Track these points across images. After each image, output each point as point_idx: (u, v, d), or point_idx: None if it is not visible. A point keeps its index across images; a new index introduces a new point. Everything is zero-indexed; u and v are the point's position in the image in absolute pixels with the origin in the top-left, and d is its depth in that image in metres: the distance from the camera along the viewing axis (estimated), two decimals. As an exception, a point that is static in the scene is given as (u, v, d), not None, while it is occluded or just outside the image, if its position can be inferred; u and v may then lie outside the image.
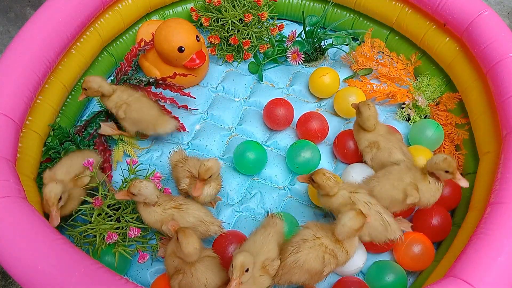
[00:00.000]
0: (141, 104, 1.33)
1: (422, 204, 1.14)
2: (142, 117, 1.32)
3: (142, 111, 1.32)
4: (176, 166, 1.24)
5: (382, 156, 1.24)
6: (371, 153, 1.26)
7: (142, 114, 1.32)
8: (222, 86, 1.59)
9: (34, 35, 1.21)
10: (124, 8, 1.51)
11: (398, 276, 1.11)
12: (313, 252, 1.00)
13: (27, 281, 0.88)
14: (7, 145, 1.07)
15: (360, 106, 1.24)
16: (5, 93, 1.11)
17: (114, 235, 1.09)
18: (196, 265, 1.00)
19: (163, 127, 1.34)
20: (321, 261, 1.00)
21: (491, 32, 1.24)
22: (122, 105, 1.31)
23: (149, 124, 1.34)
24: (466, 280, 0.88)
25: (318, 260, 1.00)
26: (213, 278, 1.01)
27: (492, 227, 0.96)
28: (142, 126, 1.35)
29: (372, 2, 1.57)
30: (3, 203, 0.94)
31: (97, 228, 1.11)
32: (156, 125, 1.34)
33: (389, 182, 1.14)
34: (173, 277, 1.02)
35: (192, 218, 1.11)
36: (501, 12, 2.10)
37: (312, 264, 1.00)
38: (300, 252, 1.00)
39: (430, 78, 1.51)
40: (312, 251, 1.00)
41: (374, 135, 1.26)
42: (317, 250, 1.00)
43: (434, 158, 1.07)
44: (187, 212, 1.11)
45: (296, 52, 1.54)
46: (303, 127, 1.40)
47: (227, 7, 1.57)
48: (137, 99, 1.33)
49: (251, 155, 1.31)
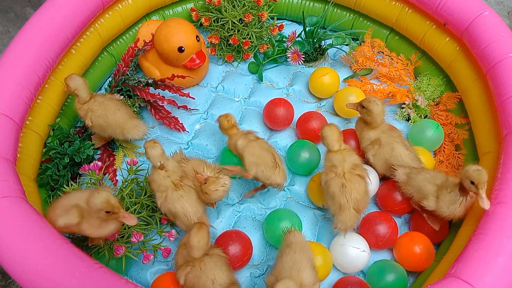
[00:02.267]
0: (105, 109, 1.28)
1: (438, 213, 1.13)
2: (107, 122, 1.29)
3: (106, 117, 1.28)
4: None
5: (385, 152, 1.24)
6: (373, 150, 1.26)
7: (106, 119, 1.28)
8: (222, 86, 1.59)
9: (34, 35, 1.21)
10: (124, 8, 1.51)
11: (398, 275, 1.11)
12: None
13: (27, 281, 0.88)
14: (7, 145, 1.07)
15: (368, 104, 1.22)
16: (5, 93, 1.11)
17: (122, 248, 1.08)
18: (206, 260, 1.00)
19: (131, 132, 1.32)
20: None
21: (491, 32, 1.24)
22: (88, 112, 1.28)
23: (116, 129, 1.31)
24: (466, 280, 0.88)
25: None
26: (221, 276, 1.01)
27: (492, 227, 0.96)
28: (110, 132, 1.31)
29: (372, 2, 1.57)
30: (3, 203, 0.94)
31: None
32: (124, 129, 1.31)
33: (424, 176, 1.15)
34: (181, 267, 1.02)
35: (179, 208, 1.11)
36: (501, 12, 2.10)
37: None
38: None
39: (430, 78, 1.51)
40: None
41: (377, 132, 1.26)
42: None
43: (468, 166, 1.03)
44: (178, 199, 1.11)
45: (296, 52, 1.54)
46: (303, 127, 1.40)
47: (227, 7, 1.57)
48: (100, 103, 1.28)
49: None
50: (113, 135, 1.33)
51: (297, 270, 1.00)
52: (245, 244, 1.17)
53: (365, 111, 1.24)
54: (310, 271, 1.01)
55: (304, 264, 1.01)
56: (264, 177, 1.19)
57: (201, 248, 0.98)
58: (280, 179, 1.20)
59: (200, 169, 1.17)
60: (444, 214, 1.11)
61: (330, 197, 1.14)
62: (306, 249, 1.06)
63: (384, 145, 1.24)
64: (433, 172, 1.17)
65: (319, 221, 1.29)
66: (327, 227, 1.27)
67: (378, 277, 1.12)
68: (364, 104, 1.23)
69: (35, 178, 1.23)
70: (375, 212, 1.24)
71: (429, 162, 1.32)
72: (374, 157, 1.26)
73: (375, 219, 1.20)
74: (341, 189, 1.10)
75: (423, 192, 1.14)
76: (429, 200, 1.12)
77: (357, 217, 1.13)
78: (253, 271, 1.20)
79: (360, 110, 1.26)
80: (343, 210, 1.11)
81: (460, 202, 1.08)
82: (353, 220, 1.12)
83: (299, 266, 1.00)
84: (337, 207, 1.12)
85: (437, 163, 1.37)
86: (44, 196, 1.25)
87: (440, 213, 1.12)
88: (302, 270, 1.00)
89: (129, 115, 1.34)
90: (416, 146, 1.36)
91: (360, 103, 1.25)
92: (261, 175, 1.19)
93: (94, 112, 1.28)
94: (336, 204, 1.12)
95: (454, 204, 1.08)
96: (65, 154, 1.26)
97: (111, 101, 1.31)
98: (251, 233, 1.25)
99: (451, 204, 1.09)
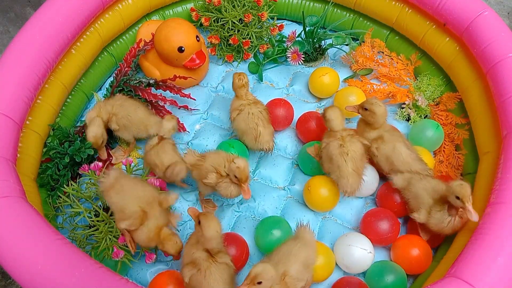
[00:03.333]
0: (126, 110, 1.33)
1: (430, 227, 1.14)
2: (131, 121, 1.33)
3: (129, 116, 1.32)
4: (196, 166, 1.22)
5: (387, 148, 1.24)
6: (376, 143, 1.26)
7: (129, 119, 1.32)
8: (222, 86, 1.59)
9: (34, 35, 1.21)
10: (124, 8, 1.51)
11: (398, 276, 1.11)
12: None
13: (27, 281, 0.88)
14: (7, 145, 1.07)
15: (371, 106, 1.22)
16: (5, 93, 1.11)
17: (121, 252, 1.07)
18: (213, 268, 0.98)
19: (154, 127, 1.35)
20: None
21: (491, 32, 1.24)
22: (112, 117, 1.31)
23: (140, 126, 1.34)
24: (466, 280, 0.88)
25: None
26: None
27: (492, 227, 0.96)
28: (134, 130, 1.35)
29: (372, 2, 1.57)
30: (3, 203, 0.94)
31: (102, 236, 1.10)
32: (147, 126, 1.35)
33: (424, 186, 1.15)
34: (187, 266, 1.00)
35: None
36: (501, 12, 2.10)
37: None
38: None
39: (430, 78, 1.51)
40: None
41: (379, 132, 1.26)
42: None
43: (453, 182, 1.05)
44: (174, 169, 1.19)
45: (296, 52, 1.54)
46: (303, 127, 1.40)
47: (227, 7, 1.57)
48: (120, 106, 1.33)
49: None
50: (137, 134, 1.36)
51: (287, 259, 1.00)
52: (241, 247, 1.16)
53: (368, 113, 1.24)
54: (302, 268, 1.01)
55: (299, 259, 1.01)
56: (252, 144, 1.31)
57: (217, 238, 0.97)
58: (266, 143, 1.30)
59: (221, 165, 1.16)
60: (433, 229, 1.14)
61: (328, 160, 1.19)
62: (310, 248, 1.06)
63: (386, 142, 1.25)
64: (435, 182, 1.16)
65: (319, 221, 1.29)
66: (327, 227, 1.27)
67: (377, 278, 1.12)
68: (366, 106, 1.23)
69: (35, 178, 1.23)
70: (378, 209, 1.25)
71: (429, 162, 1.32)
72: (377, 150, 1.26)
73: (377, 215, 1.20)
74: (339, 149, 1.17)
75: (418, 202, 1.15)
76: (421, 213, 1.14)
77: (359, 178, 1.18)
78: (253, 271, 1.20)
79: (362, 112, 1.25)
80: (343, 170, 1.16)
81: (448, 222, 1.10)
82: (357, 182, 1.18)
83: (293, 258, 1.01)
84: (336, 168, 1.18)
85: (437, 163, 1.37)
86: (44, 196, 1.25)
87: (430, 227, 1.14)
88: (294, 262, 1.00)
89: (148, 111, 1.38)
90: (416, 146, 1.36)
91: (362, 105, 1.25)
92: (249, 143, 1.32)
93: (117, 115, 1.32)
94: (335, 165, 1.18)
95: (441, 223, 1.11)
96: (66, 153, 1.26)
97: (129, 101, 1.36)
98: (251, 233, 1.25)
99: (439, 222, 1.11)
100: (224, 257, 1.01)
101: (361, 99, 1.44)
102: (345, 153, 1.17)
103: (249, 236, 1.24)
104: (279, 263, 0.99)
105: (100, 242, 1.09)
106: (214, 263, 0.99)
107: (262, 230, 1.19)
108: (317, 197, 1.24)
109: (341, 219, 1.30)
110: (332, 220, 1.30)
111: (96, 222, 1.12)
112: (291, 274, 0.99)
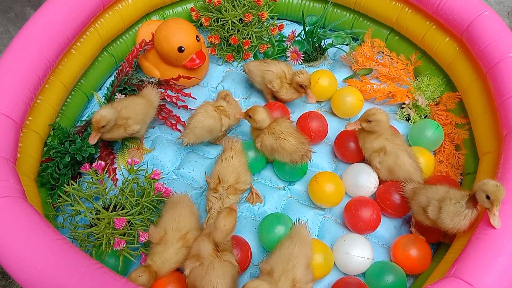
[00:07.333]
0: (132, 104, 1.33)
1: (440, 225, 1.07)
2: (147, 114, 1.37)
3: (137, 109, 1.33)
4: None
5: (390, 160, 1.24)
6: (379, 157, 1.26)
7: (139, 111, 1.34)
8: (222, 86, 1.59)
9: (34, 35, 1.21)
10: (124, 8, 1.52)
11: (397, 277, 1.11)
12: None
13: (27, 281, 0.88)
14: (7, 145, 1.07)
15: (374, 117, 1.21)
16: (5, 93, 1.11)
17: (122, 242, 1.08)
18: (216, 264, 0.98)
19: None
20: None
21: (491, 32, 1.24)
22: (128, 120, 1.30)
23: (151, 116, 1.40)
24: (466, 280, 0.88)
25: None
26: (223, 287, 0.99)
27: (492, 227, 0.96)
28: (147, 120, 1.38)
29: (372, 2, 1.57)
30: (3, 203, 0.94)
31: (103, 232, 1.10)
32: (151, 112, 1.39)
33: (427, 192, 1.12)
34: (190, 258, 1.01)
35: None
36: (501, 12, 2.10)
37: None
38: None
39: (430, 78, 1.51)
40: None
41: (381, 140, 1.25)
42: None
43: (486, 179, 0.97)
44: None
45: (295, 52, 1.54)
46: (302, 127, 1.40)
47: (227, 7, 1.57)
48: (125, 105, 1.32)
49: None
50: (148, 121, 1.40)
51: (292, 264, 1.00)
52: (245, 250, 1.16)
53: (374, 123, 1.23)
54: (305, 269, 1.01)
55: (300, 261, 1.01)
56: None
57: (225, 232, 0.97)
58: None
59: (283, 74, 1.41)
60: (448, 226, 1.05)
61: (271, 150, 1.26)
62: (307, 246, 1.06)
63: (389, 153, 1.25)
64: (436, 187, 1.13)
65: (319, 220, 1.29)
66: (327, 227, 1.27)
67: (377, 278, 1.12)
68: (370, 119, 1.22)
69: (35, 178, 1.23)
70: (360, 198, 1.26)
71: (429, 162, 1.32)
72: (380, 164, 1.26)
73: (358, 204, 1.22)
74: (273, 136, 1.24)
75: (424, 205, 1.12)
76: (430, 208, 1.08)
77: (307, 145, 1.25)
78: (253, 271, 1.20)
79: (366, 126, 1.24)
80: (290, 147, 1.23)
81: (465, 215, 1.02)
82: (307, 147, 1.25)
83: (295, 261, 1.00)
84: (281, 149, 1.24)
85: (437, 163, 1.37)
86: (44, 196, 1.25)
87: (443, 225, 1.06)
88: (297, 265, 1.00)
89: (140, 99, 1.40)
90: (416, 146, 1.36)
91: (365, 119, 1.24)
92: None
93: (129, 117, 1.31)
94: (279, 148, 1.24)
95: (458, 216, 1.02)
96: (66, 153, 1.26)
97: (128, 99, 1.36)
98: (251, 233, 1.25)
99: (455, 216, 1.03)
100: (229, 256, 1.02)
101: (358, 99, 1.44)
102: (282, 133, 1.23)
103: (249, 236, 1.24)
104: (284, 272, 0.98)
105: (101, 238, 1.09)
106: (218, 258, 0.99)
107: (266, 225, 1.19)
108: (324, 190, 1.24)
109: (341, 219, 1.30)
110: (332, 220, 1.30)
111: (97, 221, 1.12)
112: (299, 279, 0.99)
